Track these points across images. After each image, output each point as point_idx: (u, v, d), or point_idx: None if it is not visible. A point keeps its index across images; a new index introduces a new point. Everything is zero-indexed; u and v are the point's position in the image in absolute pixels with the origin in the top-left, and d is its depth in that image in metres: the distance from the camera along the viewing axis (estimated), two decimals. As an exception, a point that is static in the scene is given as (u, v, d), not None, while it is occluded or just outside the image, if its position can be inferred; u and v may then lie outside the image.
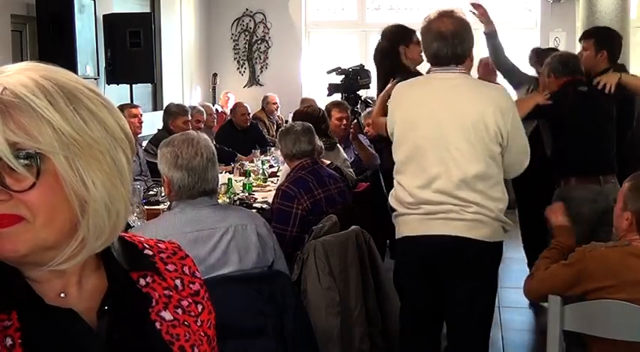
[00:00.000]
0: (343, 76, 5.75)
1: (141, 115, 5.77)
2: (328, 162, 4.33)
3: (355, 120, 5.33)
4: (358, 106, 5.72)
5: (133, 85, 7.02)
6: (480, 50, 5.29)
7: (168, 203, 3.01)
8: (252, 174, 5.61)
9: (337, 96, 5.86)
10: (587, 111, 4.09)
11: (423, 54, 4.16)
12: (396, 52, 4.15)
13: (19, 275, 0.91)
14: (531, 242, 5.16)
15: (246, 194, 4.95)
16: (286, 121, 8.34)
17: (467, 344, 3.05)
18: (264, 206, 4.54)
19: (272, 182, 5.55)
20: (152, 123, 6.48)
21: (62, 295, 0.94)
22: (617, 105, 4.20)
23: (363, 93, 5.87)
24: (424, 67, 3.78)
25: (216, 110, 8.46)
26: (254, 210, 4.21)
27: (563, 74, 4.20)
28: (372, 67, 6.14)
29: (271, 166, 6.11)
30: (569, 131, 4.08)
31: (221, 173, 5.63)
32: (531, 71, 5.45)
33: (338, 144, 4.98)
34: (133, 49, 6.84)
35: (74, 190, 0.86)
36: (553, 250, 2.77)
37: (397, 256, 3.20)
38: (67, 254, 0.88)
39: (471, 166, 2.83)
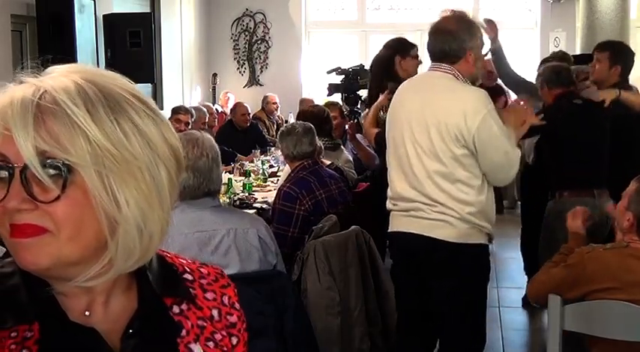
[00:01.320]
0: (343, 76, 5.76)
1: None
2: (328, 162, 4.33)
3: (355, 120, 5.33)
4: (358, 106, 5.73)
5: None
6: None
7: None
8: (252, 174, 5.61)
9: (337, 97, 5.87)
10: (582, 123, 4.04)
11: (418, 68, 4.26)
12: (391, 61, 4.21)
13: (47, 287, 0.87)
14: (530, 244, 5.14)
15: (246, 194, 4.95)
16: (286, 121, 8.34)
17: (454, 343, 3.06)
18: (264, 206, 4.54)
19: (272, 182, 5.55)
20: (152, 123, 6.48)
21: (87, 313, 0.89)
22: (618, 119, 4.10)
23: (363, 93, 5.88)
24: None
25: (216, 110, 8.46)
26: (254, 211, 4.21)
27: (556, 85, 4.18)
28: (372, 67, 6.15)
29: (271, 166, 6.11)
30: (565, 143, 4.04)
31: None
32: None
33: (342, 146, 4.98)
34: (133, 49, 6.84)
35: (104, 208, 0.81)
36: (560, 255, 2.75)
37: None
38: (94, 272, 0.84)
39: (431, 163, 2.85)
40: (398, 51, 4.24)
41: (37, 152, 0.78)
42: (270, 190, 5.17)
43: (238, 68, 10.08)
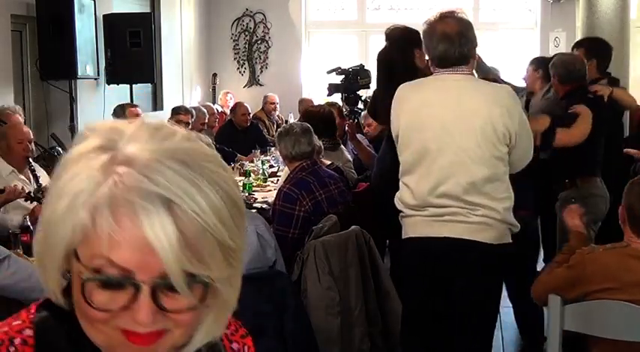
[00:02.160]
0: (343, 76, 5.75)
1: (141, 115, 5.78)
2: (328, 162, 4.33)
3: (355, 120, 5.33)
4: (359, 106, 5.73)
5: (133, 85, 7.02)
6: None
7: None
8: (252, 174, 5.62)
9: (337, 97, 5.87)
10: (596, 115, 4.16)
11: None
12: (411, 55, 3.92)
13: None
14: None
15: (246, 194, 4.95)
16: (286, 121, 8.34)
17: (469, 346, 3.05)
18: (264, 206, 4.54)
19: (272, 182, 5.56)
20: (152, 123, 6.47)
21: None
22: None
23: (363, 93, 5.88)
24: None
25: (217, 110, 8.45)
26: (254, 210, 4.21)
27: (567, 81, 4.28)
28: (372, 67, 6.15)
29: (271, 166, 6.12)
30: None
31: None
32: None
33: (342, 146, 4.97)
34: (133, 49, 6.84)
35: (224, 301, 0.83)
36: (563, 255, 2.75)
37: (402, 257, 3.18)
38: (194, 344, 0.85)
39: (479, 169, 2.82)
40: (415, 44, 3.86)
41: (184, 273, 0.75)
42: (270, 190, 5.18)
43: (238, 68, 10.08)
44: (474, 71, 3.07)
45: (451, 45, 2.87)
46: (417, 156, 2.90)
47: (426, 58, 4.00)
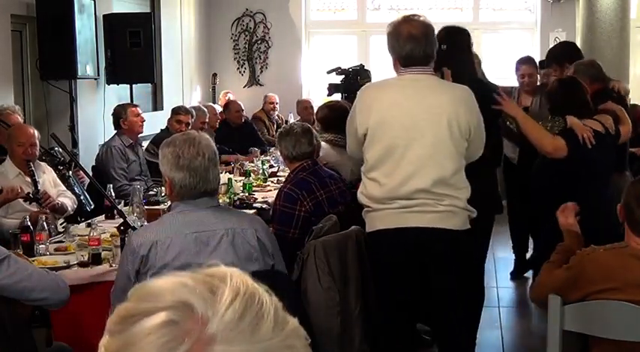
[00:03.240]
0: (343, 76, 5.75)
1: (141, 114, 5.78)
2: (325, 162, 4.32)
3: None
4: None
5: (133, 85, 7.02)
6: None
7: (169, 203, 3.01)
8: (252, 174, 5.62)
9: (337, 97, 5.87)
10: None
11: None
12: (470, 53, 3.83)
13: None
14: (519, 231, 5.59)
15: (246, 194, 4.96)
16: (286, 121, 8.35)
17: (454, 335, 3.18)
18: (264, 206, 4.54)
19: (272, 182, 5.56)
20: (152, 123, 6.48)
21: None
22: None
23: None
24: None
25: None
26: (254, 211, 4.21)
27: (597, 80, 4.47)
28: (372, 67, 6.15)
29: (271, 166, 6.12)
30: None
31: (221, 173, 5.64)
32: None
33: None
34: (133, 49, 6.83)
35: None
36: (558, 255, 2.76)
37: (372, 250, 3.27)
38: None
39: (449, 163, 3.01)
40: (469, 42, 3.80)
41: None
42: (270, 190, 5.18)
43: (238, 68, 10.07)
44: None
45: (417, 44, 3.03)
46: (385, 152, 3.05)
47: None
